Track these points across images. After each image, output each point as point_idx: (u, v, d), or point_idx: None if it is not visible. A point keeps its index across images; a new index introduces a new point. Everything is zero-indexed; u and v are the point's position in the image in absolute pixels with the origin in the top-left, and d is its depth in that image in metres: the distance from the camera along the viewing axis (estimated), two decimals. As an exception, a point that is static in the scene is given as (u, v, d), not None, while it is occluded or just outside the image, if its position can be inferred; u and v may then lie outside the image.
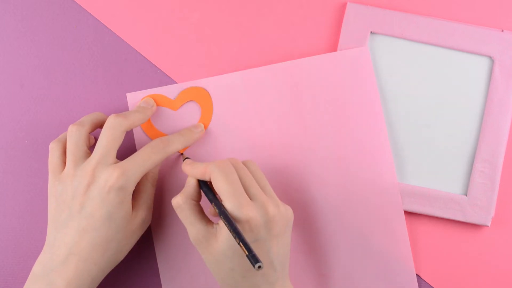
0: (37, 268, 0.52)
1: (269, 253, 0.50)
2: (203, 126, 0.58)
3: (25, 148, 0.59)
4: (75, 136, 0.53)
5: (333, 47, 0.59)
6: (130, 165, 0.51)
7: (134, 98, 0.58)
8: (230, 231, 0.47)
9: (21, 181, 0.59)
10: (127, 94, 0.59)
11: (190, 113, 0.59)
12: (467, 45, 0.58)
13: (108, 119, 0.53)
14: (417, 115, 0.58)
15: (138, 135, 0.58)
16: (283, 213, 0.51)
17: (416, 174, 0.58)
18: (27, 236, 0.59)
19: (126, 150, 0.59)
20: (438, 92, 0.58)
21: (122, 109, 0.59)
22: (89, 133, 0.54)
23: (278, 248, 0.50)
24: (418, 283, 0.58)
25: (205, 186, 0.52)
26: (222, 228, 0.49)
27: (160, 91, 0.58)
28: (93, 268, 0.51)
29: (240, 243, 0.45)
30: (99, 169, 0.51)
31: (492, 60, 0.58)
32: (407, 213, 0.58)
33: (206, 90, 0.59)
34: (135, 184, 0.52)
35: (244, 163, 0.53)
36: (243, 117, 0.58)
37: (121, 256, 0.53)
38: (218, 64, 0.59)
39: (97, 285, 0.52)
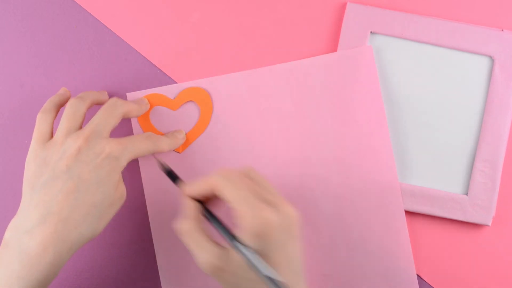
0: (7, 233, 0.48)
1: (293, 258, 0.47)
2: (184, 133, 0.58)
3: (25, 148, 0.59)
4: (75, 106, 0.51)
5: (333, 47, 0.59)
6: (126, 142, 0.51)
7: (134, 98, 0.58)
8: (248, 263, 0.45)
9: (21, 181, 0.59)
10: (127, 94, 0.59)
11: (189, 113, 0.59)
12: (467, 45, 0.58)
13: (109, 99, 0.53)
14: (417, 115, 0.58)
15: (137, 134, 0.58)
16: (296, 214, 0.48)
17: (417, 174, 0.58)
18: (26, 236, 0.59)
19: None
20: (438, 92, 0.58)
21: (122, 109, 0.59)
22: (87, 109, 0.53)
23: (299, 251, 0.48)
24: (419, 283, 0.58)
25: (207, 212, 0.50)
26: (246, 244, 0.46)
27: (160, 91, 0.58)
28: (73, 231, 0.47)
29: (263, 276, 0.43)
30: (93, 138, 0.50)
31: (492, 60, 0.58)
32: (408, 213, 0.58)
33: (206, 91, 0.58)
34: (128, 162, 0.51)
35: (244, 172, 0.50)
36: (243, 118, 0.58)
37: (98, 229, 0.50)
38: (218, 64, 0.59)
39: (71, 255, 0.49)
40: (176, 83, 0.59)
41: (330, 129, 0.58)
